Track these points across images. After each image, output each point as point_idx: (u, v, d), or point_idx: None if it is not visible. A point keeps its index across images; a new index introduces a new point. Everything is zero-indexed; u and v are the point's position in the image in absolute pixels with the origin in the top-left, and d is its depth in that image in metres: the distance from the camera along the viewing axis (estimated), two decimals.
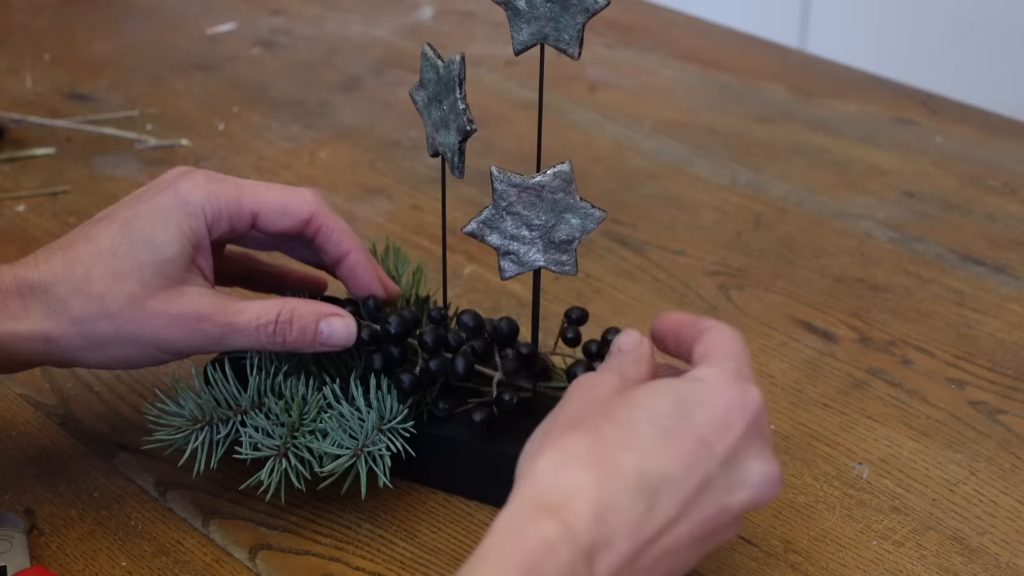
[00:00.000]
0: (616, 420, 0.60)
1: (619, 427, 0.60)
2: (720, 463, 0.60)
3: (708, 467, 0.60)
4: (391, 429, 0.71)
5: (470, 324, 0.75)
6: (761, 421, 0.62)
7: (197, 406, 0.72)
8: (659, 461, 0.59)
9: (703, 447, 0.60)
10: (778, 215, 1.03)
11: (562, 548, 0.55)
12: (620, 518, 0.57)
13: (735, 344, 0.65)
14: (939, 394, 0.83)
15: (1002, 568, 0.70)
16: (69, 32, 1.35)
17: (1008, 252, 0.98)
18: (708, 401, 0.61)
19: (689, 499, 0.59)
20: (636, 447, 0.59)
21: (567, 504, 0.57)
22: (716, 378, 0.63)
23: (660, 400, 0.61)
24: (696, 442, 0.60)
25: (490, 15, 1.39)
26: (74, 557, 0.70)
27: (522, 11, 0.66)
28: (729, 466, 0.61)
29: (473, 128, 0.67)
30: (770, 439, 0.64)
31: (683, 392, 0.62)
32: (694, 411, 0.61)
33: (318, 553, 0.71)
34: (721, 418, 0.61)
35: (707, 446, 0.60)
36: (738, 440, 0.61)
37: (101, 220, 0.71)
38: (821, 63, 1.32)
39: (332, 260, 0.75)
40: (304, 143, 1.14)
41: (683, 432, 0.60)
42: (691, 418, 0.61)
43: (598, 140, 1.15)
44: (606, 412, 0.61)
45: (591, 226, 0.68)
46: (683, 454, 0.60)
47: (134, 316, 0.69)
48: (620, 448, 0.59)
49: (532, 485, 0.58)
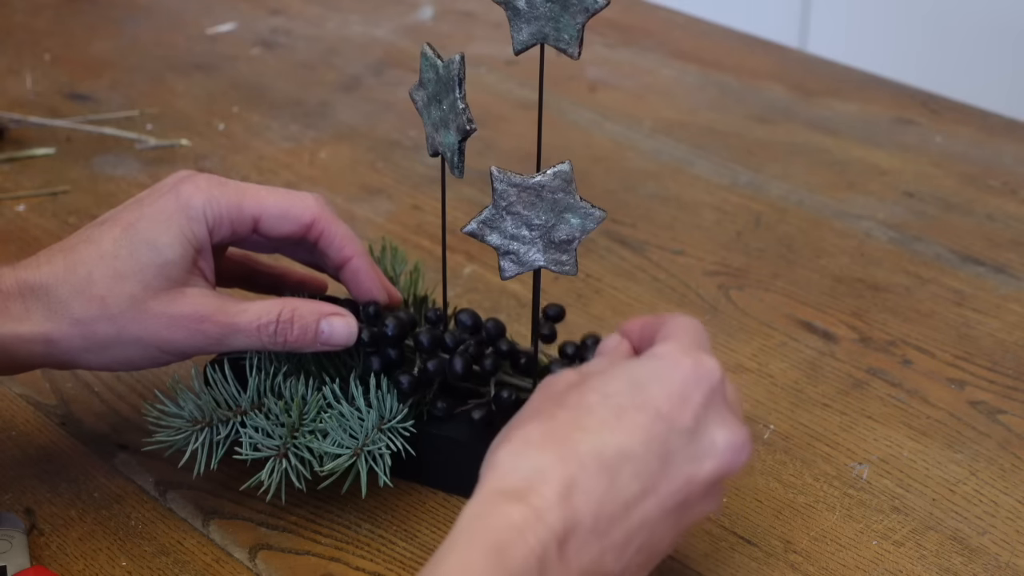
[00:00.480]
0: (569, 405, 0.61)
1: (573, 411, 0.60)
2: (680, 434, 0.60)
3: (667, 439, 0.60)
4: (391, 428, 0.71)
5: (468, 323, 0.75)
6: (720, 389, 0.62)
7: (197, 407, 0.72)
8: (616, 438, 0.59)
9: (661, 420, 0.60)
10: (778, 215, 1.03)
11: (529, 531, 0.55)
12: (583, 497, 0.57)
13: (692, 326, 0.65)
14: (939, 394, 0.83)
15: (1002, 568, 0.70)
16: (69, 32, 1.35)
17: (1008, 252, 0.98)
18: (663, 375, 0.61)
19: (652, 472, 0.59)
20: (591, 427, 0.59)
21: (531, 487, 0.57)
22: (670, 352, 0.63)
23: (613, 381, 0.62)
24: (653, 416, 0.60)
25: (490, 15, 1.39)
26: (74, 557, 0.71)
27: (522, 11, 0.66)
28: (691, 437, 0.60)
29: (473, 128, 0.67)
30: (737, 407, 0.64)
31: (636, 370, 0.62)
32: (649, 386, 0.61)
33: (318, 553, 0.71)
34: (678, 390, 0.61)
35: (665, 419, 0.60)
36: (697, 410, 0.61)
37: (103, 223, 0.71)
38: (821, 63, 1.32)
39: (334, 265, 0.75)
40: (304, 143, 1.14)
41: (638, 408, 0.60)
42: (646, 393, 0.61)
43: (598, 140, 1.15)
44: (560, 401, 0.61)
45: (591, 226, 0.68)
46: (640, 429, 0.60)
47: (135, 317, 0.69)
48: (574, 429, 0.59)
49: (493, 475, 0.59)
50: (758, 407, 0.82)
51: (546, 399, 0.62)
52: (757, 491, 0.75)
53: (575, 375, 0.64)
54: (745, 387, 0.84)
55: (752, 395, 0.83)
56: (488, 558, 0.54)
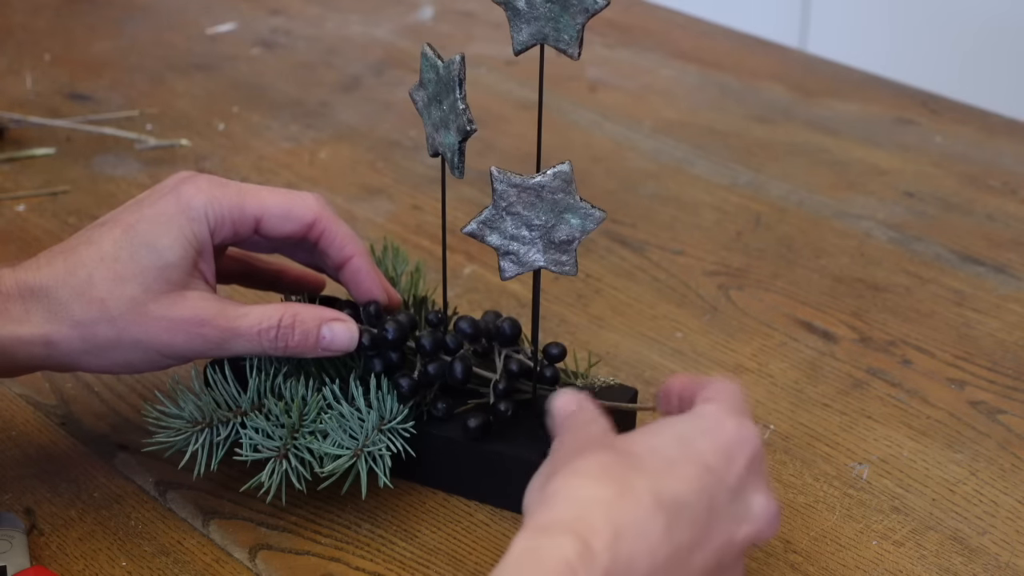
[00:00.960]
0: (620, 450, 0.59)
1: (626, 455, 0.59)
2: (727, 491, 0.59)
3: (716, 494, 0.59)
4: (391, 429, 0.71)
5: (468, 331, 0.74)
6: (760, 456, 0.62)
7: (197, 408, 0.72)
8: (671, 484, 0.58)
9: (710, 474, 0.59)
10: (778, 215, 1.03)
11: (581, 568, 0.53)
12: (639, 537, 0.55)
13: (733, 390, 0.65)
14: (939, 394, 0.83)
15: (1002, 568, 0.70)
16: (69, 32, 1.35)
17: (1008, 252, 0.98)
18: (709, 432, 0.61)
19: (703, 524, 0.58)
20: (647, 470, 0.58)
21: (583, 518, 0.55)
22: (714, 412, 0.62)
23: (661, 435, 0.61)
24: (703, 469, 0.59)
25: (490, 15, 1.39)
26: (74, 557, 0.71)
27: (522, 11, 0.66)
28: (735, 496, 0.60)
29: (473, 128, 0.67)
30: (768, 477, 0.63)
31: (682, 426, 0.61)
32: (696, 441, 0.60)
33: (318, 553, 0.71)
34: (724, 448, 0.60)
35: (713, 473, 0.59)
36: (741, 471, 0.60)
37: (103, 224, 0.71)
38: (821, 63, 1.32)
39: (335, 265, 0.75)
40: (304, 143, 1.14)
41: (689, 460, 0.59)
42: (695, 447, 0.60)
43: (598, 140, 1.15)
44: (605, 443, 0.60)
45: (591, 226, 0.68)
46: (693, 479, 0.58)
47: (135, 320, 0.69)
48: (632, 469, 0.58)
49: (545, 507, 0.56)
50: (758, 407, 0.82)
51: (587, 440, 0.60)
52: None
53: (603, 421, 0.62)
54: (745, 387, 0.83)
55: (752, 395, 0.83)
56: None
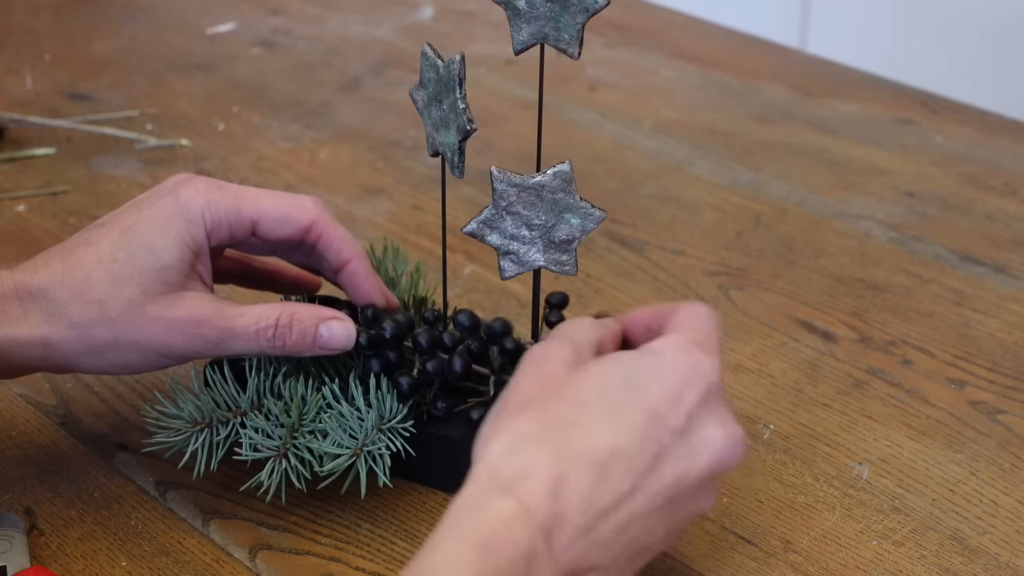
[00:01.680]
0: (565, 398, 0.61)
1: (569, 405, 0.60)
2: (673, 434, 0.60)
3: (661, 439, 0.60)
4: (391, 428, 0.71)
5: (466, 324, 0.75)
6: (715, 388, 0.62)
7: (196, 408, 0.72)
8: (609, 436, 0.59)
9: (655, 420, 0.60)
10: (778, 215, 1.03)
11: (518, 526, 0.56)
12: (573, 493, 0.58)
13: (700, 317, 0.65)
14: (939, 394, 0.83)
15: (1002, 568, 0.70)
16: (69, 32, 1.35)
17: (1008, 252, 0.98)
18: (660, 374, 0.61)
19: (643, 470, 0.59)
20: (586, 424, 0.60)
21: (521, 482, 0.57)
22: (669, 349, 0.63)
23: (610, 375, 0.62)
24: (648, 416, 0.60)
25: (490, 15, 1.39)
26: (74, 557, 0.70)
27: (522, 11, 0.66)
28: (684, 436, 0.61)
29: (473, 128, 0.67)
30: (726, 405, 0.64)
31: (634, 366, 0.62)
32: (646, 385, 0.61)
33: (318, 553, 0.71)
34: (674, 390, 0.61)
35: (659, 418, 0.60)
36: (692, 410, 0.61)
37: (101, 226, 0.71)
38: (821, 63, 1.32)
39: (332, 268, 0.75)
40: (304, 143, 1.14)
41: (634, 407, 0.60)
42: (642, 392, 0.61)
43: (598, 140, 1.15)
44: (556, 391, 0.61)
45: (591, 226, 0.68)
46: (634, 428, 0.60)
47: (133, 321, 0.69)
48: (570, 426, 0.59)
49: (486, 467, 0.59)
50: (758, 407, 0.82)
51: (539, 383, 0.62)
52: (757, 491, 0.75)
53: (567, 349, 0.63)
54: (745, 387, 0.84)
55: (752, 395, 0.83)
56: (476, 553, 0.55)
